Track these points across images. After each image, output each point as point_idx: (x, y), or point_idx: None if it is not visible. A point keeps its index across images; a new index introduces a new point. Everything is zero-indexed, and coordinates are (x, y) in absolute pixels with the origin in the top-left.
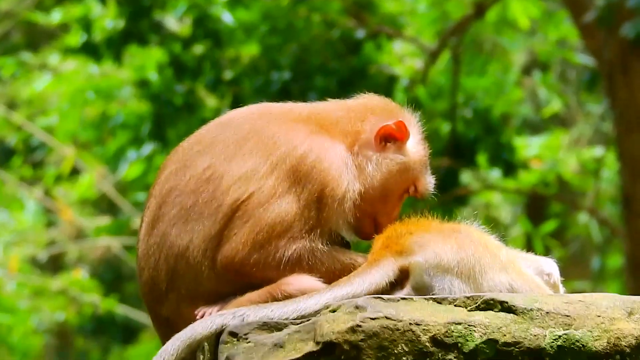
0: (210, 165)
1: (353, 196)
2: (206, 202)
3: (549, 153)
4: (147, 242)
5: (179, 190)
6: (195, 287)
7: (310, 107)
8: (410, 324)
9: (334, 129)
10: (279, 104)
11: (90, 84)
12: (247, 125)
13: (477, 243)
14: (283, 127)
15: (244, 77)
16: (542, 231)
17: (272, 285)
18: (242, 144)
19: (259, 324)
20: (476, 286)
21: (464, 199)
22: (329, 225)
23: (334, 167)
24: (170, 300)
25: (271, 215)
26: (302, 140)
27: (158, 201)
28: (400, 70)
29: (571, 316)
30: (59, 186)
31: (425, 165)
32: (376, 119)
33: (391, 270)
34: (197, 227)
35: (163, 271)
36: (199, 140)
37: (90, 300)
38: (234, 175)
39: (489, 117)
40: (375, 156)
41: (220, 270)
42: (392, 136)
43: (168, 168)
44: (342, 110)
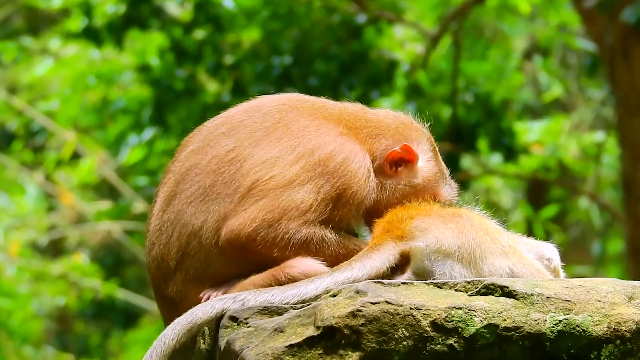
0: (234, 148)
1: (369, 204)
2: (225, 183)
3: (550, 138)
4: (161, 218)
5: (200, 168)
6: (204, 269)
7: (341, 107)
8: (410, 309)
9: (359, 135)
10: (311, 98)
11: (91, 69)
12: (278, 115)
13: (477, 228)
14: (315, 122)
15: (244, 62)
16: (542, 216)
17: (275, 268)
18: (270, 132)
19: (259, 309)
20: (477, 271)
21: (464, 183)
22: (341, 223)
23: (361, 171)
24: (177, 280)
25: (287, 199)
26: (333, 138)
27: (177, 178)
28: (401, 55)
29: (572, 301)
30: (60, 171)
31: (442, 179)
32: (387, 142)
33: (392, 255)
34: (213, 207)
35: (174, 249)
36: (225, 122)
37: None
38: (257, 159)
39: (490, 102)
40: (389, 183)
41: (224, 245)
42: (402, 160)
43: (190, 146)
44: (364, 120)
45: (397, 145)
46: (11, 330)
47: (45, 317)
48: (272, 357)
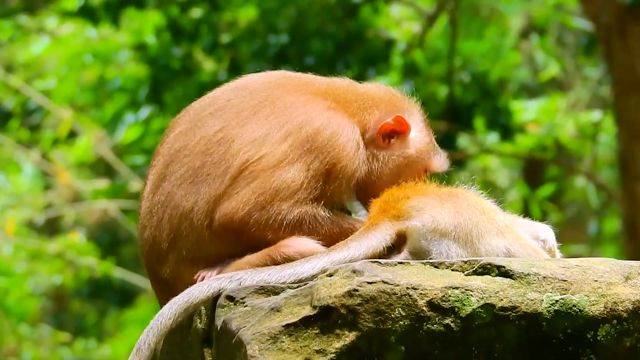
0: (222, 128)
1: (360, 177)
2: (215, 164)
3: (546, 117)
4: (151, 200)
5: (188, 150)
6: (197, 250)
7: (328, 82)
8: (407, 289)
9: (348, 109)
10: (297, 74)
11: (87, 48)
12: (264, 93)
13: (474, 207)
14: (301, 98)
15: (241, 40)
16: (539, 195)
17: (271, 248)
18: (257, 110)
19: (256, 288)
20: (473, 250)
21: (461, 163)
22: (333, 199)
23: (350, 145)
24: (170, 262)
25: (277, 179)
26: (320, 113)
27: (166, 160)
28: (397, 34)
29: (568, 281)
30: (56, 149)
31: (433, 149)
32: (379, 114)
33: (388, 235)
34: (203, 188)
35: (165, 231)
36: (212, 102)
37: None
38: (246, 138)
39: (486, 81)
40: (382, 154)
41: (218, 229)
42: (394, 131)
43: (178, 128)
44: (353, 94)
45: (389, 117)
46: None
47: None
48: (268, 337)
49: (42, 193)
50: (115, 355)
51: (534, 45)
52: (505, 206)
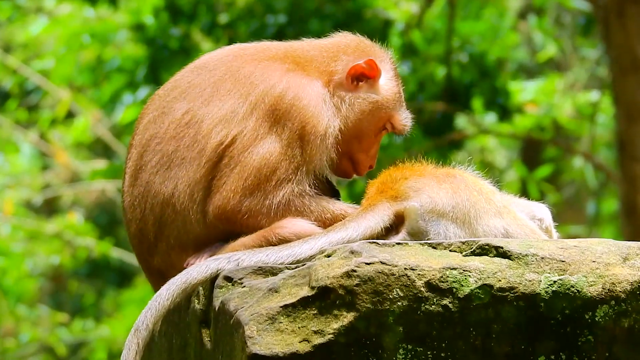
0: (188, 110)
1: (334, 132)
2: (188, 147)
3: (544, 98)
4: (132, 194)
5: (159, 137)
6: (185, 234)
7: (286, 45)
8: (405, 269)
9: (310, 67)
10: (252, 44)
11: (85, 28)
12: (223, 67)
13: (471, 188)
14: (259, 66)
15: (239, 20)
16: (537, 176)
17: (266, 229)
18: (218, 86)
19: (254, 269)
20: (471, 231)
21: (459, 143)
22: (313, 163)
23: (313, 103)
24: (161, 250)
25: (256, 158)
26: (280, 78)
27: (139, 151)
28: (395, 14)
29: (566, 261)
30: (54, 129)
31: (399, 101)
32: (348, 58)
33: (386, 215)
34: (180, 172)
35: (150, 221)
36: (175, 87)
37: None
38: (214, 117)
39: (484, 62)
40: (348, 96)
41: (213, 221)
42: (363, 75)
43: (146, 117)
44: (317, 49)
45: (361, 60)
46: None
47: (39, 276)
48: (266, 317)
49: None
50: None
51: (532, 26)
52: (503, 187)
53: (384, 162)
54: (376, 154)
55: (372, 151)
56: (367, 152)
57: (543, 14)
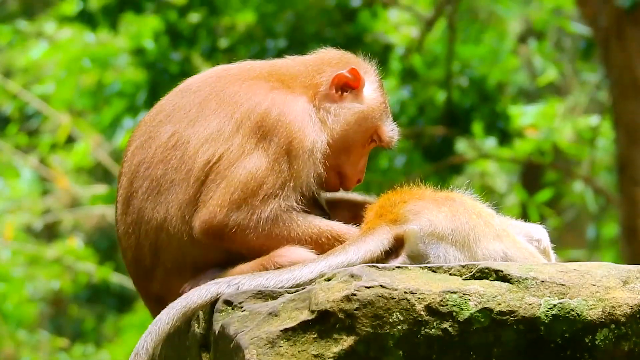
0: (174, 132)
1: (321, 147)
2: (176, 169)
3: (545, 122)
4: (125, 222)
5: (147, 162)
6: (181, 258)
7: (270, 64)
8: (405, 293)
9: (294, 84)
10: (236, 65)
11: (86, 52)
12: (207, 88)
13: (470, 211)
14: (243, 85)
15: (239, 45)
16: (537, 200)
17: (264, 257)
18: (203, 106)
19: (254, 293)
20: (471, 254)
21: (459, 167)
22: (301, 179)
23: (299, 119)
24: (158, 276)
25: (243, 172)
26: (264, 96)
27: (128, 178)
28: (395, 38)
29: (566, 285)
30: (55, 154)
31: (385, 112)
32: (332, 69)
33: (386, 239)
34: (170, 196)
35: (145, 247)
36: (160, 111)
37: (85, 268)
38: (199, 137)
39: (485, 86)
40: (333, 107)
41: (199, 236)
42: (347, 85)
43: (133, 144)
44: (301, 65)
45: (343, 70)
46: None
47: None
48: (266, 341)
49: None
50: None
51: (532, 50)
52: (503, 211)
53: (383, 186)
54: (364, 168)
55: (360, 165)
56: (355, 165)
57: (543, 38)
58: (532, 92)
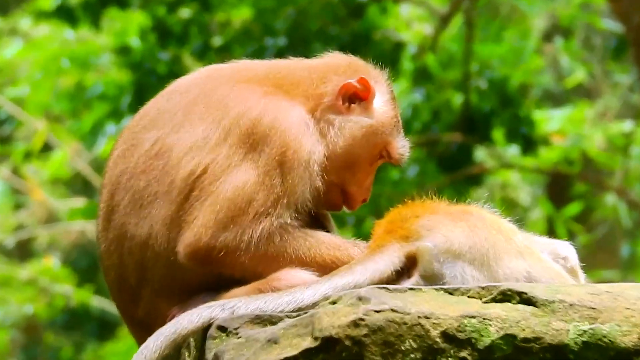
0: (157, 139)
1: (319, 159)
2: (158, 180)
3: (573, 127)
4: (107, 238)
5: (129, 173)
6: (169, 279)
7: (268, 65)
8: (418, 317)
9: (293, 91)
10: (230, 64)
11: (65, 51)
12: (195, 90)
13: (490, 226)
14: (235, 88)
15: (234, 43)
16: (565, 214)
17: (261, 281)
18: (189, 110)
19: (250, 317)
20: (491, 274)
21: (477, 178)
22: (295, 195)
23: (295, 127)
24: (145, 298)
25: (229, 188)
26: (257, 101)
27: (110, 190)
28: (407, 36)
29: (597, 309)
30: (29, 164)
31: (396, 126)
32: (339, 78)
33: (397, 257)
34: (154, 210)
35: (130, 266)
36: (144, 115)
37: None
38: (183, 145)
39: (506, 88)
40: (338, 119)
41: (185, 262)
42: (355, 95)
43: (116, 152)
44: (303, 70)
45: (352, 79)
46: None
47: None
48: None
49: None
50: None
51: (559, 48)
52: (526, 226)
53: (394, 199)
54: (370, 187)
55: (366, 183)
56: (361, 184)
57: (570, 35)
58: (559, 95)
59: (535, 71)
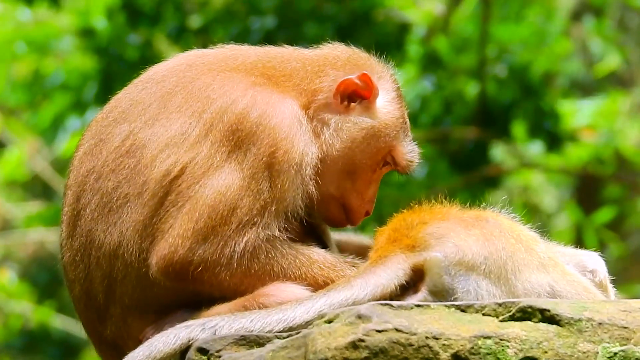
0: (129, 134)
1: (312, 161)
2: (129, 181)
3: (604, 122)
4: (72, 247)
5: (97, 172)
6: (142, 294)
7: (258, 53)
8: (426, 338)
9: (284, 83)
10: (215, 50)
11: (19, 34)
12: (173, 78)
13: (508, 234)
14: (218, 77)
15: (215, 24)
16: (595, 221)
17: (247, 297)
18: (166, 101)
19: (235, 338)
20: (509, 288)
21: (495, 180)
22: (285, 202)
23: (286, 123)
24: (114, 316)
25: (210, 194)
26: (242, 93)
27: (75, 191)
28: (414, 16)
29: (630, 328)
30: None
31: (403, 129)
32: (337, 73)
33: (401, 270)
34: (125, 215)
35: (97, 279)
36: (115, 106)
37: (20, 309)
38: (159, 141)
39: (528, 76)
40: (334, 119)
41: (158, 276)
42: (356, 93)
43: (82, 148)
44: (298, 61)
45: (353, 75)
46: None
47: None
48: None
49: None
50: None
51: (589, 30)
52: (551, 235)
53: (400, 203)
54: (374, 198)
55: (368, 193)
56: (362, 194)
57: (603, 15)
58: (589, 84)
59: (562, 57)
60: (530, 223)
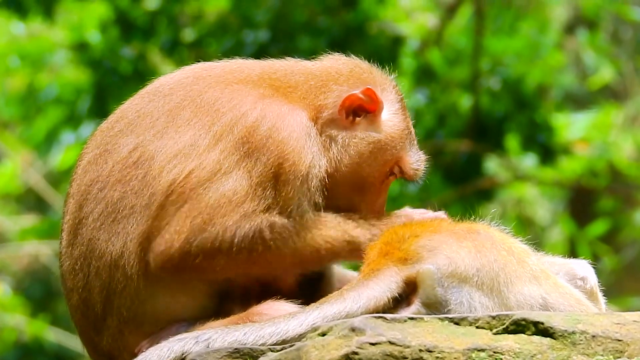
0: (137, 146)
1: (319, 174)
2: (136, 192)
3: (598, 134)
4: (71, 256)
5: (102, 182)
6: (139, 306)
7: (263, 65)
8: (420, 351)
9: (292, 94)
10: (221, 63)
11: (14, 48)
12: (181, 92)
13: (500, 247)
14: (226, 90)
15: (209, 37)
16: (589, 234)
17: (239, 316)
18: (175, 115)
19: (228, 351)
20: (501, 300)
21: (488, 192)
22: (289, 208)
23: (295, 136)
24: (110, 327)
25: (214, 195)
26: (252, 105)
27: (77, 200)
28: (408, 29)
29: (623, 341)
30: None
31: (409, 139)
32: (340, 88)
33: (394, 282)
34: (129, 226)
35: (96, 289)
36: (121, 118)
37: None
38: (167, 153)
39: (521, 89)
40: (341, 135)
41: (157, 273)
42: (361, 108)
43: (86, 157)
44: (302, 74)
45: (357, 89)
46: None
47: None
48: None
49: None
50: None
51: (582, 43)
52: (545, 247)
53: None
54: (384, 207)
55: (377, 204)
56: (372, 205)
57: (596, 27)
58: (582, 96)
59: (556, 69)
60: (524, 236)
